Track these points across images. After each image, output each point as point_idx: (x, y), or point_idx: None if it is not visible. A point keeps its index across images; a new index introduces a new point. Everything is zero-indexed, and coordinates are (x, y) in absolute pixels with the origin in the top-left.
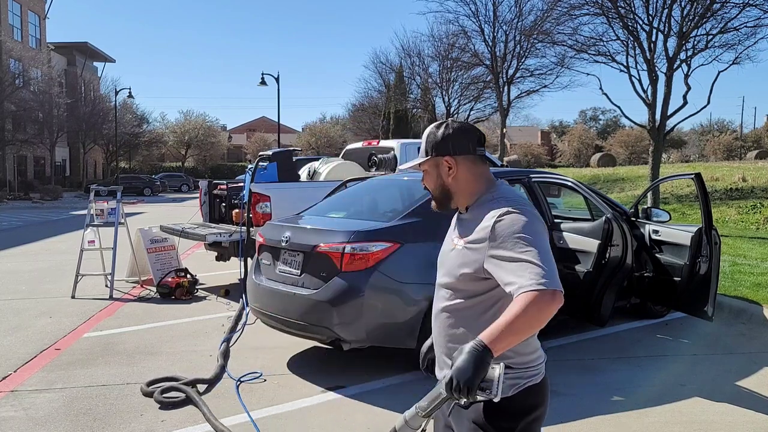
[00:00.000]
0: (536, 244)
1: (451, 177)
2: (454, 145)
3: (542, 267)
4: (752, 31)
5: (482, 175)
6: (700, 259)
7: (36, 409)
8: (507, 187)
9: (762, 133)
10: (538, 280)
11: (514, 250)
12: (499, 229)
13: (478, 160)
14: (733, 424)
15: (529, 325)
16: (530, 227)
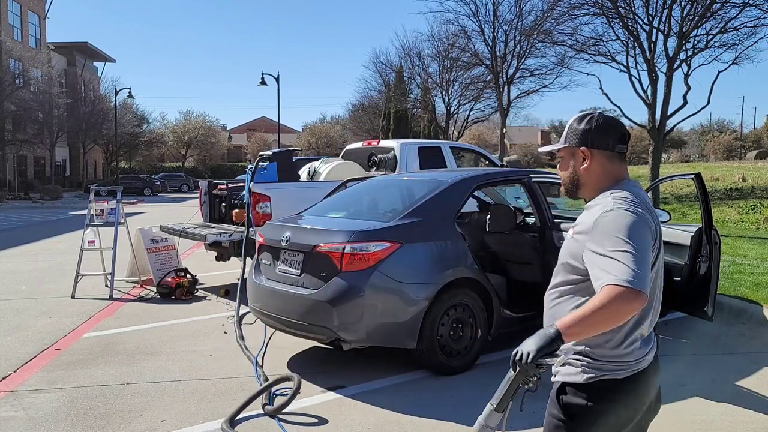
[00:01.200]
0: (632, 245)
1: (584, 168)
2: (593, 138)
3: (631, 267)
4: (752, 31)
5: (614, 173)
6: (700, 259)
7: (36, 409)
8: (631, 188)
9: (762, 133)
10: (624, 277)
11: (608, 246)
12: (600, 224)
13: (615, 157)
14: (733, 424)
15: (605, 319)
16: (631, 227)
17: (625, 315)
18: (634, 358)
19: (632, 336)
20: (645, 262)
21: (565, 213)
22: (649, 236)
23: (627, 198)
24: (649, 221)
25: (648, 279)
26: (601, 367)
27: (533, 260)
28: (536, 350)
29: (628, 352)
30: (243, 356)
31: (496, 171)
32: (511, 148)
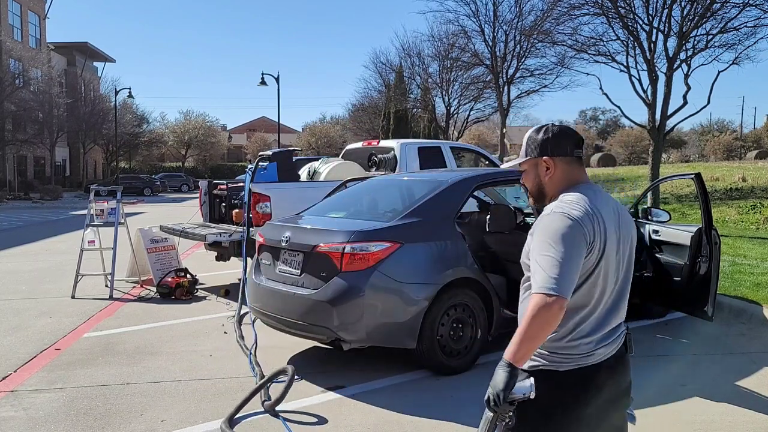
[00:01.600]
0: (556, 250)
1: (548, 176)
2: (553, 146)
3: (550, 274)
4: (752, 31)
5: (573, 177)
6: (700, 259)
7: (36, 409)
8: (584, 191)
9: (762, 133)
10: (544, 284)
11: (538, 250)
12: (538, 226)
13: (573, 161)
14: (733, 424)
15: (538, 329)
16: (559, 232)
17: (552, 320)
18: (579, 352)
19: (577, 330)
20: (566, 267)
21: None
22: (580, 240)
23: (571, 201)
24: (583, 226)
25: (568, 282)
26: (544, 357)
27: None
28: (502, 391)
29: (573, 345)
30: (243, 356)
31: (496, 171)
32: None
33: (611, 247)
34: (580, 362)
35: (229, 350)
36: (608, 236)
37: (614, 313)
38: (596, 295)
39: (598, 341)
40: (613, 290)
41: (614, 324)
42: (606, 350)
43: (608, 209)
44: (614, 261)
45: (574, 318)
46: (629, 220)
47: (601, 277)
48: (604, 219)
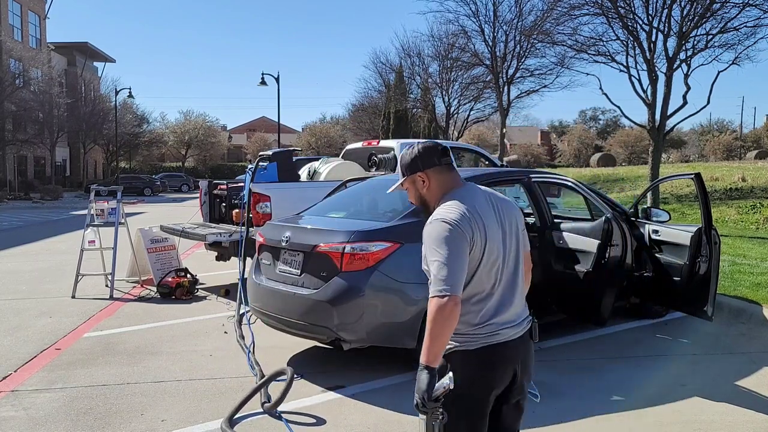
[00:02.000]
0: (440, 253)
1: (426, 188)
2: (423, 161)
3: (439, 277)
4: (752, 31)
5: (447, 183)
6: (699, 259)
7: (36, 409)
8: (459, 195)
9: (762, 133)
10: (436, 287)
11: (428, 257)
12: (424, 235)
13: (444, 169)
14: (733, 424)
15: (440, 328)
16: (439, 236)
17: (450, 317)
18: (485, 332)
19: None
20: (452, 267)
21: (565, 213)
22: (461, 240)
23: (448, 206)
24: (460, 227)
25: (457, 280)
26: (456, 340)
27: (533, 260)
28: (425, 391)
29: (480, 327)
30: (243, 356)
31: (496, 171)
32: (511, 148)
33: (494, 237)
34: (487, 341)
35: (229, 350)
36: (489, 231)
37: (513, 291)
38: (491, 281)
39: (501, 323)
40: (506, 272)
41: (516, 302)
42: (510, 332)
43: (484, 204)
44: (501, 247)
45: (477, 305)
46: (508, 205)
47: (490, 264)
48: (481, 215)
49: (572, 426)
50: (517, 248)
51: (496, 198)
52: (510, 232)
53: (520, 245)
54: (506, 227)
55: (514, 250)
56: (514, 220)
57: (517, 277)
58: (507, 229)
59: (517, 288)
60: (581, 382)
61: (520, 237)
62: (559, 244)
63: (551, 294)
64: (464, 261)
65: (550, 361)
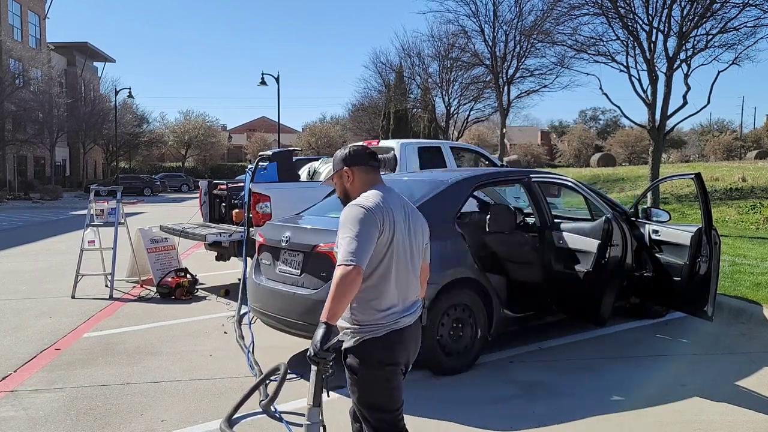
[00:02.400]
0: (353, 231)
1: (349, 183)
2: (352, 160)
3: (349, 249)
4: (752, 31)
5: (369, 181)
6: (699, 259)
7: (36, 409)
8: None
9: (762, 133)
10: (343, 257)
11: (341, 234)
12: (341, 219)
13: (369, 170)
14: (733, 424)
15: (341, 292)
16: (354, 217)
17: (352, 285)
18: (389, 321)
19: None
20: (361, 242)
21: (565, 213)
22: (372, 223)
23: (366, 196)
24: (374, 213)
25: (363, 255)
26: (362, 331)
27: (533, 260)
28: (319, 342)
29: (384, 315)
30: (243, 356)
31: (496, 171)
32: (511, 148)
33: (400, 234)
34: (391, 328)
35: (229, 350)
36: (397, 224)
37: (411, 288)
38: (393, 276)
39: (401, 312)
40: (408, 267)
41: (413, 298)
42: (408, 319)
43: (398, 205)
44: (406, 247)
45: (380, 292)
46: (418, 216)
47: (394, 260)
48: (393, 211)
49: (572, 426)
50: (418, 252)
51: (409, 206)
52: (414, 236)
53: (419, 251)
54: (412, 230)
55: (416, 252)
56: (420, 229)
57: (416, 273)
58: (412, 233)
59: (414, 281)
60: (581, 382)
61: (421, 245)
62: (559, 244)
63: (551, 294)
64: (372, 241)
65: (550, 361)
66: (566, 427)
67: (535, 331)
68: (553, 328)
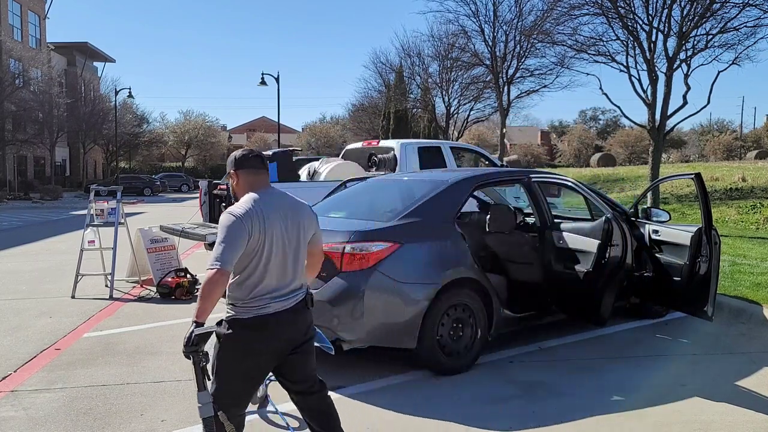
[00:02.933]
0: (222, 237)
1: (235, 184)
2: (238, 164)
3: (216, 254)
4: (752, 31)
5: (251, 184)
6: (699, 259)
7: (36, 409)
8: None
9: (762, 133)
10: (211, 261)
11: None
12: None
13: (251, 173)
14: (732, 423)
15: (208, 291)
16: (225, 223)
17: (217, 284)
18: (257, 305)
19: (255, 291)
20: (226, 247)
21: (565, 213)
22: (239, 229)
23: (241, 202)
24: (242, 219)
25: (227, 258)
26: (234, 310)
27: (533, 260)
28: (186, 340)
29: (253, 301)
30: None
31: (496, 171)
32: (511, 148)
33: (275, 233)
34: (258, 312)
35: None
36: (270, 224)
37: (285, 278)
38: (264, 266)
39: (271, 298)
40: (281, 261)
41: (289, 286)
42: (280, 305)
43: (274, 206)
44: (282, 242)
45: (251, 283)
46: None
47: (266, 254)
48: (266, 213)
49: (572, 426)
50: (297, 245)
51: (291, 204)
52: (295, 231)
53: (302, 243)
54: (291, 227)
55: (296, 245)
56: (303, 224)
57: (296, 264)
58: (291, 229)
59: (291, 275)
60: (581, 382)
61: (305, 237)
62: (559, 244)
63: (551, 294)
64: (238, 245)
65: (550, 361)
66: (566, 427)
67: (535, 331)
68: (553, 328)
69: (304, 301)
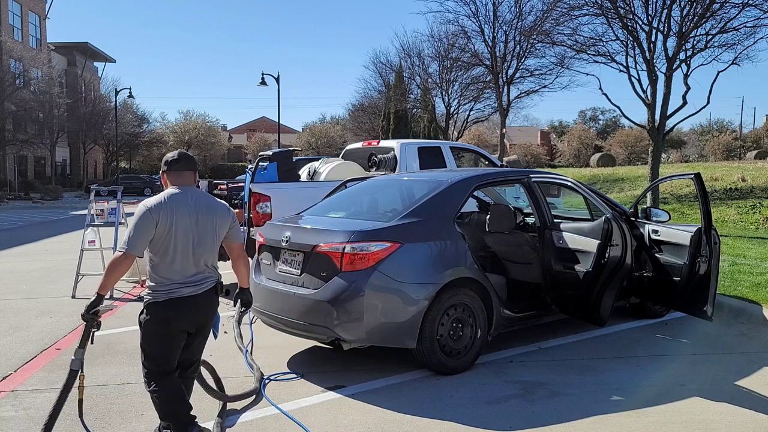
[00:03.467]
0: (132, 222)
1: (162, 182)
2: (165, 167)
3: (124, 239)
4: (751, 31)
5: (173, 182)
6: (699, 259)
7: (36, 409)
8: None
9: (761, 133)
10: (119, 245)
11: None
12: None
13: (171, 174)
14: (732, 423)
15: (114, 270)
16: (137, 213)
17: (119, 266)
18: (169, 289)
19: (165, 276)
20: (133, 234)
21: (565, 213)
22: (147, 218)
23: (158, 195)
24: (150, 210)
25: (133, 243)
26: (150, 294)
27: (533, 260)
28: (86, 309)
29: (165, 284)
30: (242, 356)
31: (496, 171)
32: (511, 148)
33: (182, 225)
34: (168, 296)
35: (228, 350)
36: (178, 218)
37: (193, 266)
38: (173, 254)
39: (181, 283)
40: (190, 251)
41: (198, 274)
42: (190, 289)
43: (185, 202)
44: (189, 234)
45: (162, 269)
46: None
47: (173, 243)
48: (175, 207)
49: (572, 426)
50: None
51: (205, 203)
52: (203, 226)
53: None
54: (200, 222)
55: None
56: (212, 220)
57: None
58: (200, 224)
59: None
60: (581, 382)
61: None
62: (559, 244)
63: (551, 294)
64: (145, 231)
65: (550, 361)
66: (566, 427)
67: (535, 331)
68: (553, 328)
69: (213, 288)
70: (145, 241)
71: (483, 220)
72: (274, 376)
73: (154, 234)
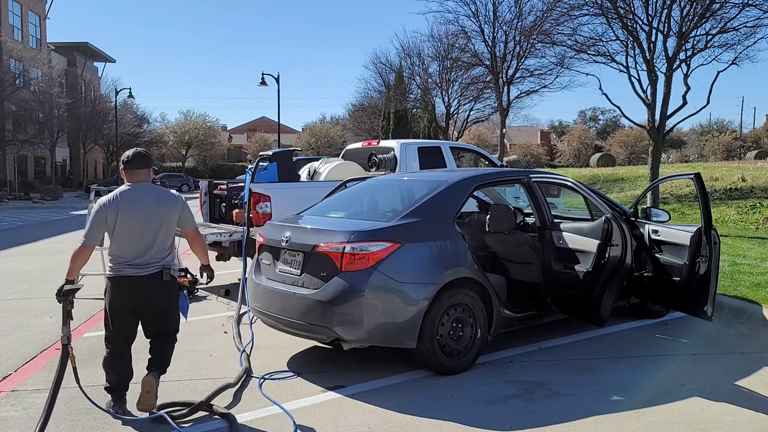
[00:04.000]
0: (89, 219)
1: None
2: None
3: (84, 231)
4: (751, 31)
5: (129, 179)
6: (699, 259)
7: (36, 409)
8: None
9: (761, 133)
10: (80, 237)
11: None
12: None
13: (128, 172)
14: (732, 423)
15: (75, 260)
16: (93, 209)
17: (81, 255)
18: (118, 269)
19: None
20: (91, 227)
21: (565, 213)
22: (101, 213)
23: (111, 193)
24: (103, 205)
25: (90, 235)
26: (110, 271)
27: (533, 260)
28: (56, 292)
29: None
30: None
31: (496, 171)
32: (511, 148)
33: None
34: (117, 274)
35: (228, 350)
36: (126, 211)
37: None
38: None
39: (126, 265)
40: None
41: (143, 257)
42: (134, 271)
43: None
44: (137, 223)
45: (114, 252)
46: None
47: (123, 233)
48: (123, 202)
49: (572, 426)
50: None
51: (155, 196)
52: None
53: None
54: (151, 213)
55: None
56: (160, 210)
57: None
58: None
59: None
60: (581, 382)
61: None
62: (559, 244)
63: (551, 294)
64: (99, 225)
65: (550, 361)
66: (566, 427)
67: (535, 331)
68: (553, 328)
69: (159, 273)
70: (100, 233)
71: (483, 220)
72: (268, 375)
73: (107, 226)
